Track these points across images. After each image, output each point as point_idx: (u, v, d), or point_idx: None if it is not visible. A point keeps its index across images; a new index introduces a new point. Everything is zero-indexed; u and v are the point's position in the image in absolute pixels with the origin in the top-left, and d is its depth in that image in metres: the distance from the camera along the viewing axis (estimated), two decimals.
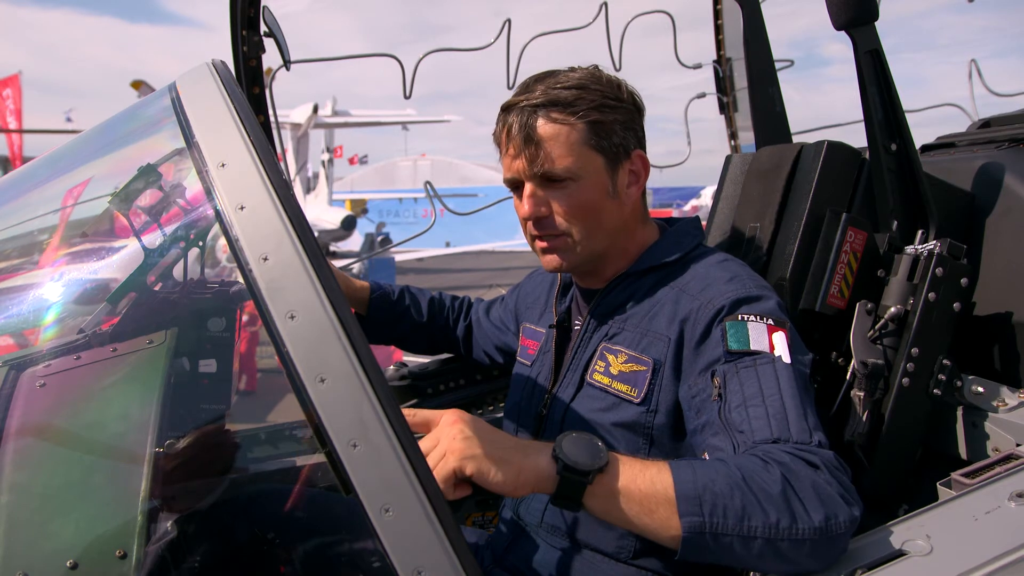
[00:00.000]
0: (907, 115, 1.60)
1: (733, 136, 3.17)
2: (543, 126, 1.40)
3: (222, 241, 0.98)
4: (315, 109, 23.21)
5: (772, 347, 1.26)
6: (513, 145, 1.43)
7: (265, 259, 0.89)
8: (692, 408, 1.31)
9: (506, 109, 1.46)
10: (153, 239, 1.33)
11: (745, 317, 1.30)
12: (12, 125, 18.08)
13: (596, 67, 1.51)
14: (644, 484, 1.03)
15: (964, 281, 1.56)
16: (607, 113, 1.43)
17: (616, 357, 1.45)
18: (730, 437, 1.18)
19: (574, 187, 1.42)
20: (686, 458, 1.12)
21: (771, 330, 1.28)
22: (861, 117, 1.60)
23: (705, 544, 1.01)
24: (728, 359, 1.27)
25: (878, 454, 1.52)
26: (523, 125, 1.40)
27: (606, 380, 1.45)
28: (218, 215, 0.96)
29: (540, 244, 1.49)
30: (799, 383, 1.23)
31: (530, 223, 1.47)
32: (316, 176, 24.87)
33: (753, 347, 1.26)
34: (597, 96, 1.42)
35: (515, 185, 1.49)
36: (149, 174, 1.27)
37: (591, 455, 1.03)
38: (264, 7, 2.02)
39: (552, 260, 1.49)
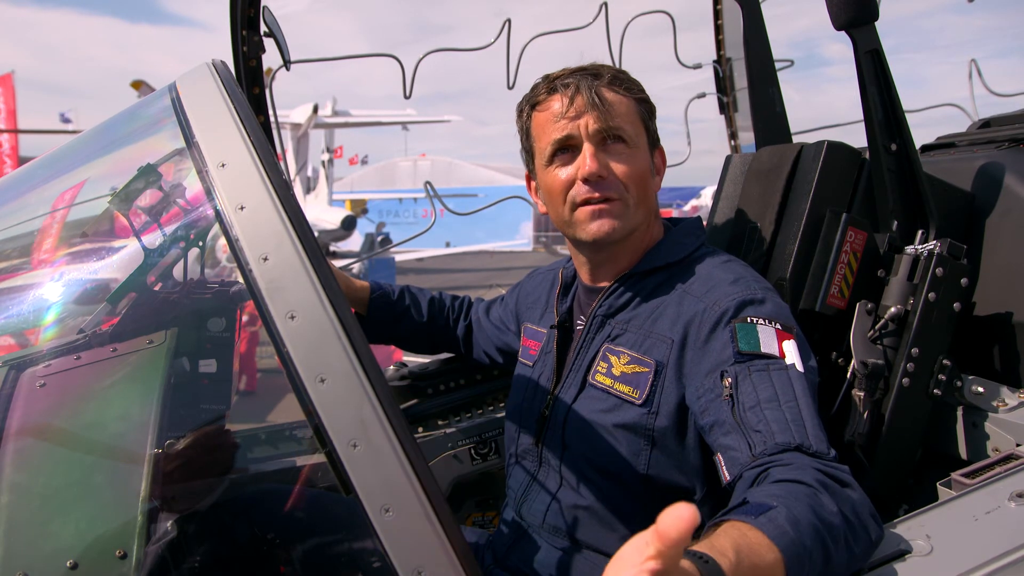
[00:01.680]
0: (907, 115, 1.60)
1: (733, 136, 3.16)
2: (608, 92, 1.47)
3: (222, 241, 0.98)
4: (315, 109, 23.23)
5: (783, 353, 1.26)
6: (576, 106, 1.45)
7: (265, 259, 0.89)
8: (699, 408, 1.30)
9: (559, 77, 1.50)
10: (153, 239, 1.33)
11: (753, 320, 1.31)
12: (3, 125, 18.05)
13: None
14: None
15: (964, 281, 1.56)
16: (649, 102, 1.55)
17: (618, 358, 1.44)
18: (745, 436, 1.18)
19: (629, 153, 1.47)
20: (767, 514, 0.97)
21: (780, 335, 1.29)
22: (861, 117, 1.60)
23: None
24: (739, 360, 1.27)
25: (878, 454, 1.52)
26: (590, 87, 1.46)
27: (608, 381, 1.44)
28: (218, 215, 0.95)
29: (593, 207, 1.45)
30: (812, 393, 1.24)
31: (586, 185, 1.45)
32: (316, 176, 24.88)
33: (764, 350, 1.27)
34: (641, 87, 1.55)
35: (563, 147, 1.48)
36: (149, 174, 1.27)
37: None
38: (264, 7, 2.01)
39: (605, 224, 1.45)
